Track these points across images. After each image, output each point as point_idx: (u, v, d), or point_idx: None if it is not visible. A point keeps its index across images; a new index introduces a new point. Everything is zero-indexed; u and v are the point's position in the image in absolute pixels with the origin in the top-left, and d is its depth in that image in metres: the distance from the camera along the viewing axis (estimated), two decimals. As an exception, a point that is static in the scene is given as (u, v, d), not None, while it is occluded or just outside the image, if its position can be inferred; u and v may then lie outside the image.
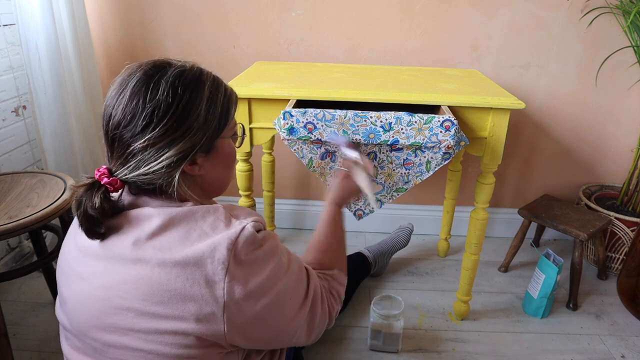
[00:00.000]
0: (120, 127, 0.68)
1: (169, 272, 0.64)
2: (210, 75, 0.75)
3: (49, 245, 1.73)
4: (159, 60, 0.72)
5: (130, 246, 0.66)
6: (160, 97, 0.67)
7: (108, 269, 0.67)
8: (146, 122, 0.66)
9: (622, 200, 1.87)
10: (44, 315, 1.56)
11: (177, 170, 0.69)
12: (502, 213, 2.10)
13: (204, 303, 0.64)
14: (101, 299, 0.67)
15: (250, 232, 0.68)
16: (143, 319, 0.65)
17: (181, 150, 0.68)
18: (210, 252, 0.65)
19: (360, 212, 1.35)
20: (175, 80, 0.69)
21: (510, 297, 1.73)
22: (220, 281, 0.65)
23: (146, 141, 0.67)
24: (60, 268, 0.77)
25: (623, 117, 1.89)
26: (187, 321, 0.64)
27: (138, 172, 0.68)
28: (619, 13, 1.71)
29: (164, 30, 1.85)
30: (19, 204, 1.25)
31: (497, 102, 1.24)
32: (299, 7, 1.78)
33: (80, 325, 0.70)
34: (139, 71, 0.70)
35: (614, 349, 1.49)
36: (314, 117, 1.18)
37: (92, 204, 0.66)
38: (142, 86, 0.68)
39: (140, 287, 0.64)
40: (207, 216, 0.69)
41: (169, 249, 0.65)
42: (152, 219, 0.67)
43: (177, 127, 0.68)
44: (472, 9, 1.76)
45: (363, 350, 1.45)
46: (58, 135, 1.64)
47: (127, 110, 0.67)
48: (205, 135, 0.71)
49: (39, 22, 1.52)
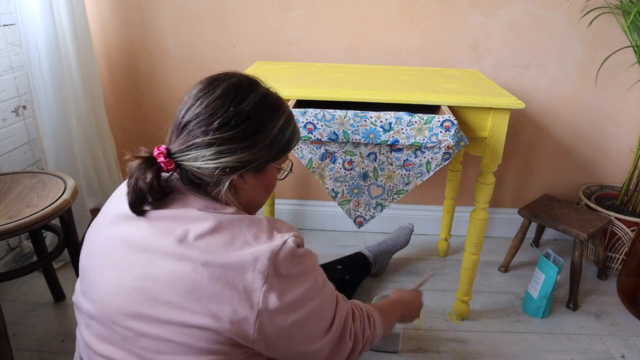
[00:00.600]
0: (199, 117, 0.72)
1: (212, 273, 0.66)
2: (288, 108, 0.81)
3: (49, 245, 1.73)
4: (254, 78, 0.79)
5: (175, 242, 0.68)
6: (244, 107, 0.72)
7: (151, 260, 0.69)
8: (224, 122, 0.71)
9: (622, 200, 1.87)
10: (44, 315, 1.56)
11: (229, 178, 0.73)
12: (502, 213, 2.10)
13: (240, 307, 0.66)
14: (139, 289, 0.68)
15: (291, 246, 0.71)
16: (180, 312, 0.66)
17: (240, 160, 0.72)
18: (252, 260, 0.67)
19: (361, 219, 1.34)
20: (262, 99, 0.75)
21: (510, 297, 1.73)
22: (258, 289, 0.67)
23: (215, 139, 0.70)
24: (88, 256, 0.77)
25: (623, 117, 1.89)
26: (222, 321, 0.66)
27: (193, 164, 0.71)
28: (619, 13, 1.71)
29: (164, 30, 1.85)
30: (19, 204, 1.25)
31: (497, 102, 1.24)
32: (299, 7, 1.78)
33: (110, 313, 0.71)
34: (234, 78, 0.76)
35: (614, 349, 1.49)
36: (314, 117, 1.18)
37: (144, 176, 0.69)
38: (232, 91, 0.74)
39: (182, 282, 0.66)
40: (252, 226, 0.72)
41: (214, 252, 0.67)
42: (201, 221, 0.70)
43: (247, 137, 0.72)
44: (472, 9, 1.76)
45: (363, 350, 1.45)
46: (58, 135, 1.64)
47: (212, 106, 0.72)
48: (265, 156, 0.75)
49: (39, 22, 1.52)
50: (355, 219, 1.34)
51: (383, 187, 1.29)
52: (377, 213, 1.33)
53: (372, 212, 1.33)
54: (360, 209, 1.33)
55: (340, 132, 1.19)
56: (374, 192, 1.30)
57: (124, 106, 2.00)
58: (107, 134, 1.91)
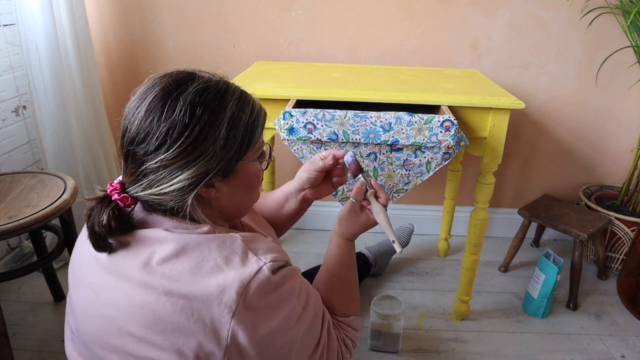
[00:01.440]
0: (134, 143, 0.64)
1: (175, 304, 0.61)
2: (237, 92, 0.69)
3: (49, 245, 1.73)
4: (183, 73, 0.68)
5: (140, 268, 0.64)
6: (176, 116, 0.62)
7: (117, 286, 0.65)
8: (159, 142, 0.62)
9: (622, 200, 1.87)
10: (44, 315, 1.56)
11: (190, 195, 0.65)
12: (502, 213, 2.10)
13: (206, 341, 0.61)
14: (106, 317, 0.65)
15: (265, 275, 0.64)
16: (143, 346, 0.63)
17: (194, 174, 0.64)
18: (218, 293, 0.61)
19: None
20: (195, 99, 0.64)
21: (510, 297, 1.73)
22: (225, 323, 0.61)
23: (158, 162, 0.63)
24: (71, 269, 0.74)
25: (623, 117, 1.89)
26: (186, 357, 0.62)
27: (150, 192, 0.65)
28: (619, 13, 1.71)
29: (164, 30, 1.85)
30: (19, 204, 1.25)
31: (497, 102, 1.24)
32: (299, 7, 1.78)
33: (85, 338, 0.69)
34: (158, 85, 0.66)
35: (614, 349, 1.49)
36: (314, 117, 1.17)
37: (99, 220, 0.64)
38: (158, 103, 0.64)
39: (144, 313, 0.62)
40: (223, 248, 0.65)
41: (178, 279, 0.62)
42: (165, 244, 0.64)
43: (191, 150, 0.63)
44: (472, 9, 1.76)
45: (363, 350, 1.45)
46: (58, 135, 1.64)
47: (142, 127, 0.63)
48: (223, 159, 0.66)
49: (39, 22, 1.51)
50: None
51: (383, 186, 1.29)
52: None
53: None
54: None
55: (340, 132, 1.18)
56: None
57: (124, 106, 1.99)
58: (107, 134, 1.91)
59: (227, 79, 0.71)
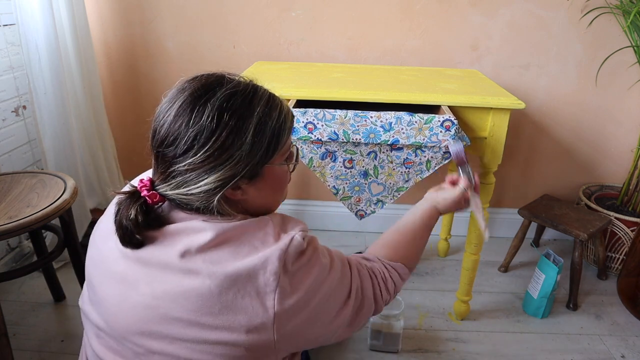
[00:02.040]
0: (164, 145, 0.66)
1: (220, 285, 0.63)
2: (264, 97, 0.70)
3: (49, 245, 1.73)
4: (212, 77, 0.70)
5: (177, 256, 0.65)
6: (204, 122, 0.64)
7: (155, 276, 0.66)
8: (187, 146, 0.64)
9: (622, 200, 1.87)
10: (44, 315, 1.56)
11: (216, 197, 0.67)
12: (502, 213, 2.10)
13: (255, 314, 0.64)
14: (148, 307, 0.66)
15: (299, 241, 0.68)
16: (192, 329, 0.64)
17: (221, 177, 0.66)
18: (262, 263, 0.64)
19: (362, 212, 1.35)
20: (222, 104, 0.65)
21: (510, 297, 1.72)
22: (271, 292, 0.64)
23: (186, 165, 0.65)
24: (93, 262, 0.75)
25: (623, 117, 1.89)
26: (238, 332, 0.64)
27: (178, 192, 0.67)
28: (619, 13, 1.71)
29: (164, 30, 1.85)
30: (19, 204, 1.25)
31: (497, 102, 1.24)
32: (299, 7, 1.78)
33: (121, 330, 0.69)
34: (188, 89, 0.67)
35: (614, 349, 1.49)
36: (314, 117, 1.17)
37: (127, 214, 0.66)
38: (187, 107, 0.65)
39: (190, 298, 0.64)
40: (257, 231, 0.68)
41: (220, 262, 0.64)
42: (203, 233, 0.66)
43: (218, 155, 0.65)
44: (472, 9, 1.76)
45: (363, 350, 1.45)
46: (58, 135, 1.64)
47: (171, 130, 0.65)
48: (249, 164, 0.67)
49: (39, 22, 1.51)
50: (356, 213, 1.35)
51: (383, 184, 1.29)
52: (377, 209, 1.33)
53: (373, 207, 1.33)
54: (361, 204, 1.33)
55: (340, 132, 1.19)
56: (375, 189, 1.30)
57: (123, 106, 2.00)
58: (107, 134, 1.91)
59: (257, 82, 0.73)
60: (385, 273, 0.87)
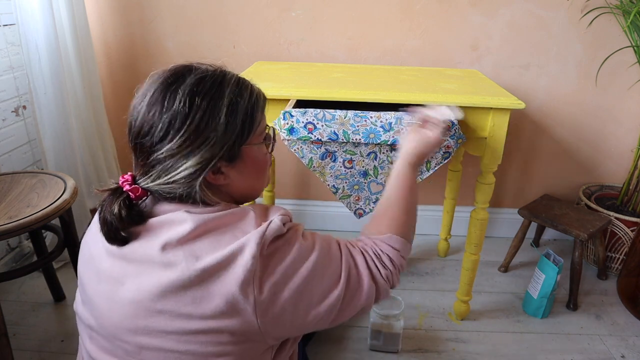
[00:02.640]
0: (140, 136, 0.68)
1: (201, 275, 0.64)
2: (234, 79, 0.72)
3: (49, 245, 1.73)
4: (181, 66, 0.71)
5: (159, 249, 0.66)
6: (177, 107, 0.66)
7: (139, 271, 0.67)
8: (163, 133, 0.66)
9: (622, 200, 1.87)
10: (44, 315, 1.56)
11: (198, 180, 0.68)
12: (502, 213, 2.10)
13: (235, 300, 0.64)
14: (133, 302, 0.66)
15: (277, 224, 0.68)
16: (177, 320, 0.65)
17: (200, 160, 0.67)
18: (239, 248, 0.65)
19: (361, 211, 1.35)
20: (193, 89, 0.67)
21: (510, 297, 1.73)
22: (250, 276, 0.65)
23: (164, 152, 0.66)
24: (84, 262, 0.75)
25: (623, 117, 1.89)
26: (220, 319, 0.64)
27: (159, 182, 0.68)
28: (619, 13, 1.71)
29: (164, 30, 1.85)
30: (19, 204, 1.25)
31: (497, 102, 1.24)
32: (299, 7, 1.78)
33: (111, 327, 0.69)
34: (158, 80, 0.69)
35: (614, 349, 1.49)
36: (314, 117, 1.17)
37: (111, 209, 0.66)
38: (159, 96, 0.67)
39: (172, 290, 0.64)
40: (239, 222, 0.69)
41: (200, 253, 0.65)
42: (183, 224, 0.67)
43: (194, 138, 0.66)
44: (472, 9, 1.76)
45: (363, 350, 1.45)
46: (58, 135, 1.64)
47: (146, 120, 0.67)
48: (226, 144, 0.69)
49: (39, 22, 1.51)
50: (355, 211, 1.35)
51: (383, 184, 1.29)
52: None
53: (372, 206, 1.33)
54: (361, 203, 1.33)
55: (340, 132, 1.19)
56: (374, 188, 1.30)
57: (124, 106, 1.99)
58: (107, 134, 1.91)
59: (225, 68, 0.74)
60: (375, 247, 0.82)
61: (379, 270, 0.80)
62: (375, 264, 0.80)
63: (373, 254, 0.81)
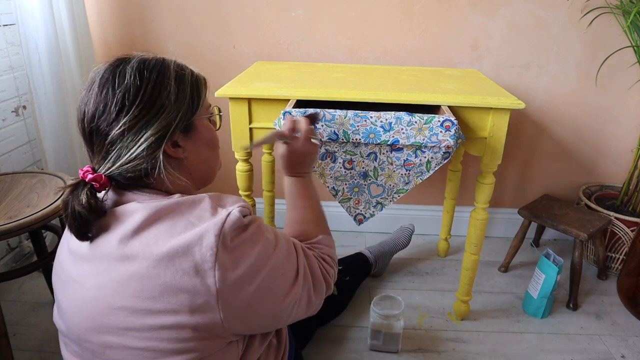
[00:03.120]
0: (95, 118, 0.68)
1: (157, 265, 0.63)
2: (173, 59, 0.76)
3: (49, 245, 1.73)
4: (121, 55, 0.74)
5: (116, 244, 0.66)
6: (128, 81, 0.68)
7: (98, 269, 0.67)
8: (119, 107, 0.67)
9: (622, 200, 1.87)
10: (44, 315, 1.56)
11: (159, 151, 0.69)
12: (502, 213, 2.10)
13: (196, 293, 0.63)
14: (94, 300, 0.66)
15: (236, 216, 0.67)
16: (136, 316, 0.64)
17: (158, 129, 0.69)
18: (197, 239, 0.64)
19: (361, 217, 1.34)
20: (140, 65, 0.70)
21: (510, 297, 1.73)
22: (210, 269, 0.63)
23: (122, 126, 0.67)
24: (55, 273, 0.76)
25: (623, 117, 1.89)
26: (181, 314, 0.63)
27: (120, 162, 0.68)
28: (619, 13, 1.71)
29: (164, 30, 1.85)
30: (19, 204, 1.25)
31: (497, 102, 1.24)
32: (299, 7, 1.78)
33: (76, 329, 0.70)
34: (102, 67, 0.71)
35: (614, 349, 1.49)
36: (314, 117, 1.17)
37: (78, 201, 0.66)
38: (109, 76, 0.69)
39: (130, 284, 0.64)
40: (193, 207, 0.68)
41: (155, 242, 0.64)
42: (135, 214, 0.67)
43: (150, 107, 0.68)
44: (472, 9, 1.76)
45: (363, 350, 1.45)
46: (58, 135, 1.64)
47: (99, 101, 0.68)
48: (180, 112, 0.72)
49: (39, 22, 1.52)
50: (355, 217, 1.34)
51: (383, 186, 1.29)
52: (377, 212, 1.33)
53: (372, 210, 1.33)
54: (360, 207, 1.33)
55: (340, 132, 1.18)
56: (374, 191, 1.30)
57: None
58: (107, 134, 1.90)
59: None
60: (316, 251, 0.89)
61: (327, 271, 0.86)
62: (323, 265, 0.86)
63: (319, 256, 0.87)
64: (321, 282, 0.84)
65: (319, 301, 0.83)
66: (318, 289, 0.83)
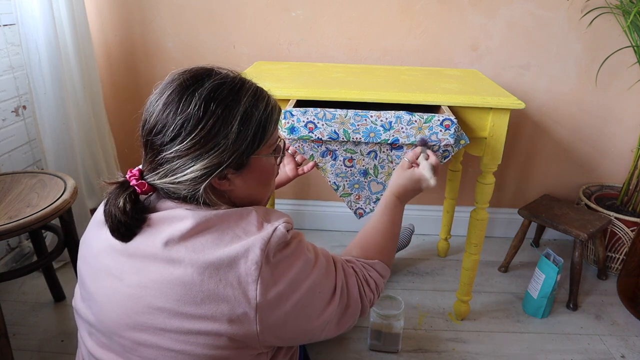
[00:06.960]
0: (152, 133, 0.68)
1: (202, 273, 0.64)
2: (252, 89, 0.72)
3: (49, 245, 1.73)
4: (202, 69, 0.71)
5: (161, 246, 0.66)
6: (191, 110, 0.66)
7: (140, 267, 0.67)
8: (175, 133, 0.66)
9: (622, 200, 1.87)
10: (44, 315, 1.56)
11: (203, 185, 0.68)
12: (502, 213, 2.10)
13: (237, 304, 0.64)
14: (133, 297, 0.66)
15: (282, 232, 0.68)
16: (175, 319, 0.65)
17: (207, 165, 0.67)
18: (244, 252, 0.65)
19: (361, 211, 1.35)
20: (210, 94, 0.67)
21: (510, 297, 1.72)
22: (253, 282, 0.64)
23: (173, 152, 0.67)
24: (84, 259, 0.75)
25: (623, 117, 1.89)
26: (220, 322, 0.64)
27: (165, 180, 0.69)
28: (619, 13, 1.71)
29: (164, 30, 1.85)
30: (19, 204, 1.25)
31: (497, 102, 1.25)
32: (299, 7, 1.78)
33: (109, 323, 0.69)
34: (177, 80, 0.70)
35: (614, 349, 1.49)
36: (315, 116, 1.18)
37: (116, 203, 0.67)
38: (175, 97, 0.68)
39: (173, 287, 0.64)
40: (240, 220, 0.69)
41: (202, 251, 0.65)
42: (184, 220, 0.67)
43: (204, 143, 0.67)
44: (472, 9, 1.76)
45: (363, 350, 1.45)
46: (58, 135, 1.64)
47: (160, 119, 0.68)
48: (235, 153, 0.69)
49: (39, 22, 1.51)
50: (355, 211, 1.35)
51: (383, 184, 1.29)
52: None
53: (372, 206, 1.33)
54: (361, 202, 1.34)
55: (340, 131, 1.19)
56: (375, 188, 1.30)
57: (124, 106, 2.00)
58: (107, 134, 1.91)
59: (245, 76, 0.74)
60: (364, 272, 0.87)
61: (366, 293, 0.84)
62: (363, 287, 0.84)
63: (362, 277, 0.86)
64: (357, 302, 0.81)
65: (351, 320, 0.81)
66: (352, 309, 0.80)
